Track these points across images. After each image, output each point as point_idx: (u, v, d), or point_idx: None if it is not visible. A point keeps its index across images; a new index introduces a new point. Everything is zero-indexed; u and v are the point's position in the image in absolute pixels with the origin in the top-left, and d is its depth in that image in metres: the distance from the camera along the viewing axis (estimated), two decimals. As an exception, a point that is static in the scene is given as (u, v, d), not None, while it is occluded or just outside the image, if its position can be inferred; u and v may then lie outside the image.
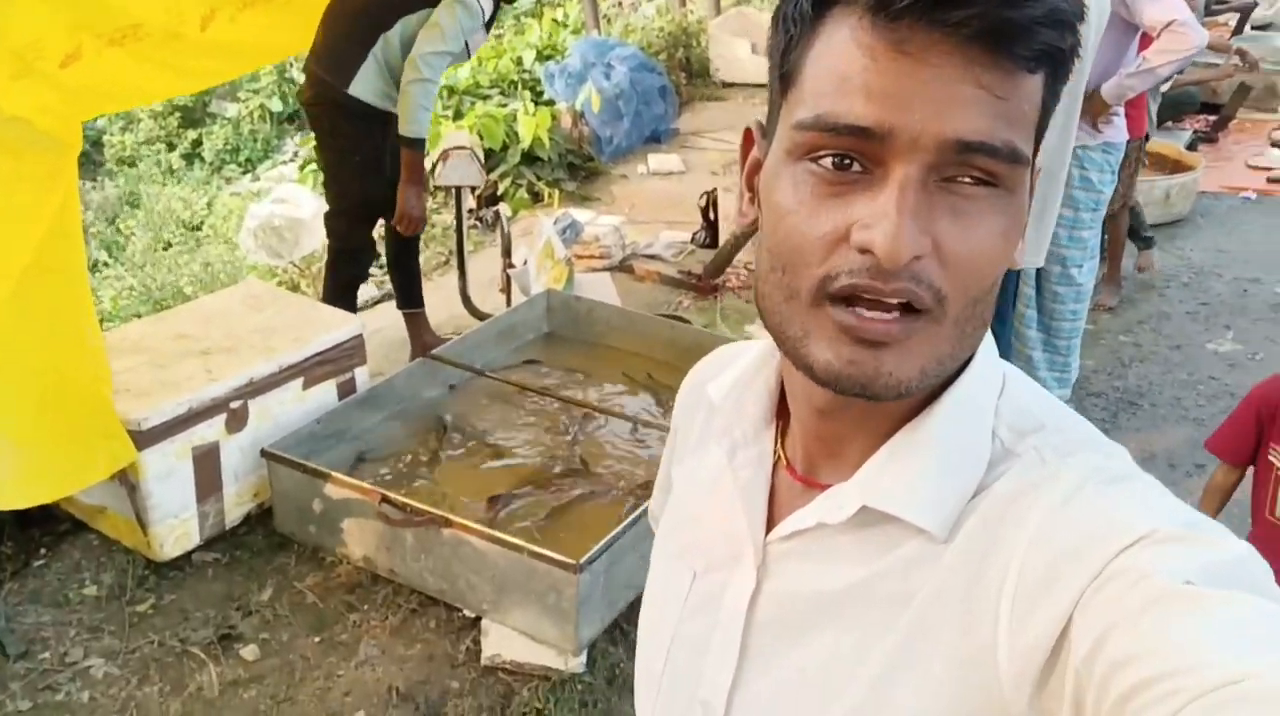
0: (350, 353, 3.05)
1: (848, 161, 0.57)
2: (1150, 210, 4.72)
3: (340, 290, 3.56)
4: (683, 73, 6.93)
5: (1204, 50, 3.36)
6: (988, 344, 0.66)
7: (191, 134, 9.42)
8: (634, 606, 2.65)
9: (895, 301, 0.57)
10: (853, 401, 0.62)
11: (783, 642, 0.70)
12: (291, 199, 4.12)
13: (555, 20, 6.93)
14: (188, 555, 2.71)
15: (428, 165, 3.51)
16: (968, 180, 0.57)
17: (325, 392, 2.99)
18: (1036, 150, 0.60)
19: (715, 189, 4.65)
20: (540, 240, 3.95)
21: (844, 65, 0.57)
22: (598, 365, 3.50)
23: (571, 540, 2.63)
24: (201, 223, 7.00)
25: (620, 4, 7.84)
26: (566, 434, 3.11)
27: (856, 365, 0.58)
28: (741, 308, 4.20)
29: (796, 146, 0.59)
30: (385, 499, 2.56)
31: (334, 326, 3.04)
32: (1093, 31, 2.76)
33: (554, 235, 3.87)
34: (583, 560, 2.34)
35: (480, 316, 3.85)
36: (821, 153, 0.58)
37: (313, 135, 3.65)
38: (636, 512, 2.50)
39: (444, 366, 3.26)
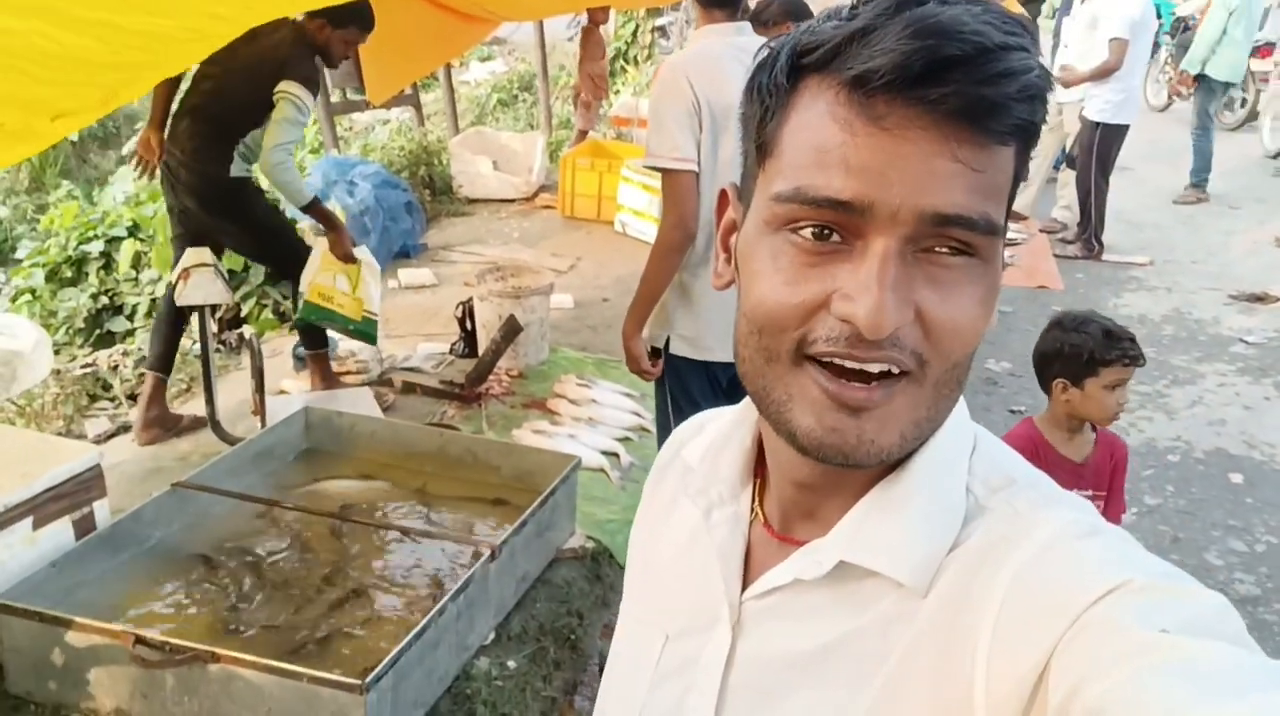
0: (87, 485, 2.79)
1: (827, 232, 0.58)
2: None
3: None
4: (427, 190, 6.97)
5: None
6: (960, 404, 0.67)
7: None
8: (424, 725, 2.53)
9: (876, 369, 0.58)
10: (831, 467, 0.63)
11: (759, 707, 0.69)
12: (7, 329, 3.76)
13: (293, 141, 6.82)
14: (-104, 733, 2.34)
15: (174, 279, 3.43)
16: (945, 250, 0.58)
17: (60, 533, 2.70)
18: (1008, 216, 0.62)
19: (471, 299, 4.67)
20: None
21: (822, 138, 0.58)
22: (364, 481, 3.37)
23: (353, 661, 2.49)
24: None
25: (351, 128, 7.84)
26: (339, 552, 2.96)
27: (838, 432, 0.59)
28: (507, 413, 4.20)
29: (775, 217, 0.60)
30: (139, 640, 2.32)
31: (66, 457, 2.77)
32: None
33: (371, 270, 3.99)
34: (368, 680, 2.22)
35: (232, 441, 3.63)
36: (801, 224, 0.59)
37: (235, 230, 3.95)
38: (419, 627, 2.41)
39: (197, 494, 3.03)
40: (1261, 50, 9.81)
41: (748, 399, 0.70)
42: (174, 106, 3.88)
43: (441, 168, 7.23)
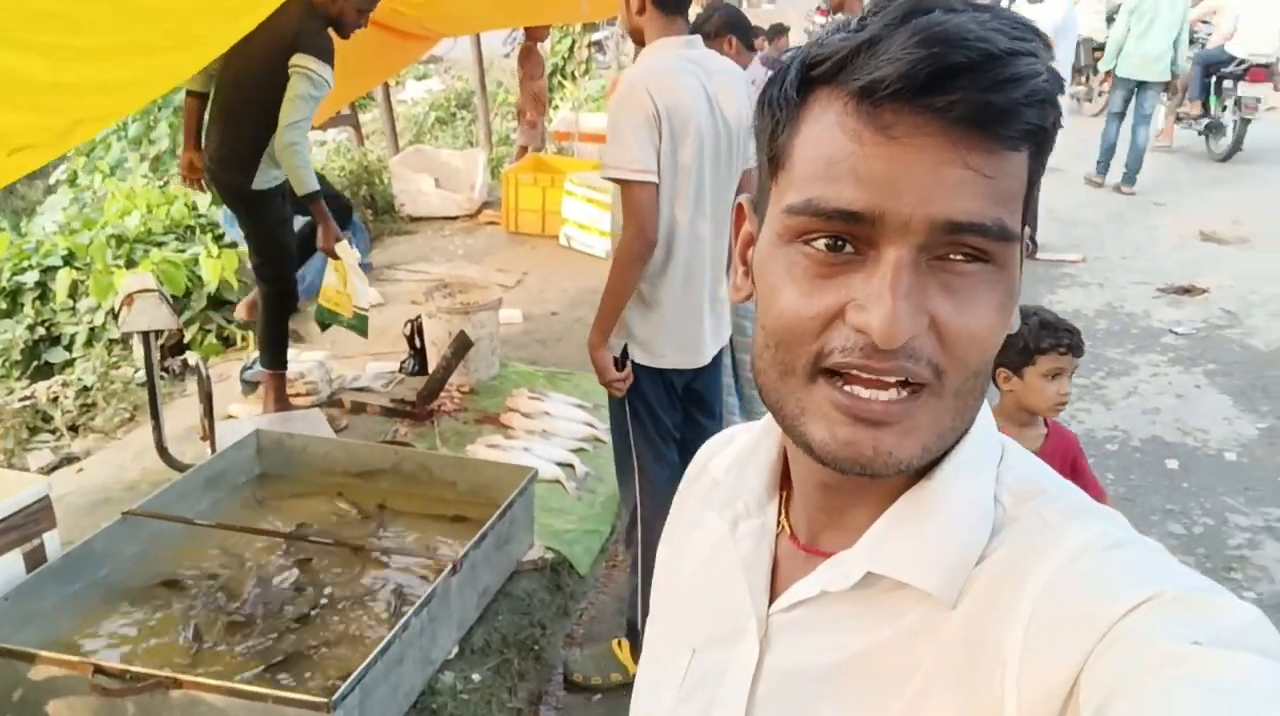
0: (36, 517, 2.74)
1: (840, 243, 0.58)
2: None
3: (281, 325, 4.14)
4: (369, 209, 6.94)
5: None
6: (985, 412, 0.66)
7: None
8: (391, 742, 2.52)
9: (893, 379, 0.57)
10: (852, 477, 0.62)
11: None
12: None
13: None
14: None
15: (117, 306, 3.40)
16: (959, 258, 0.57)
17: (11, 565, 2.66)
18: (1024, 222, 0.61)
19: (419, 316, 4.66)
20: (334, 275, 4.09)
21: (832, 150, 0.57)
22: (319, 502, 3.36)
23: (317, 680, 2.48)
24: None
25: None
26: (298, 573, 2.94)
27: (854, 446, 0.58)
28: (460, 429, 4.19)
29: (788, 229, 0.60)
30: (98, 669, 2.29)
31: (14, 489, 2.72)
32: None
33: (354, 264, 4.04)
34: (334, 697, 2.21)
35: (180, 468, 3.58)
36: (813, 236, 0.59)
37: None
38: (384, 643, 2.40)
39: (148, 522, 3.00)
40: (1252, 73, 9.55)
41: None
42: (206, 119, 3.96)
43: (383, 187, 7.20)
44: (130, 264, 5.01)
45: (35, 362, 4.83)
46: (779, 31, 7.46)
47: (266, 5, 2.90)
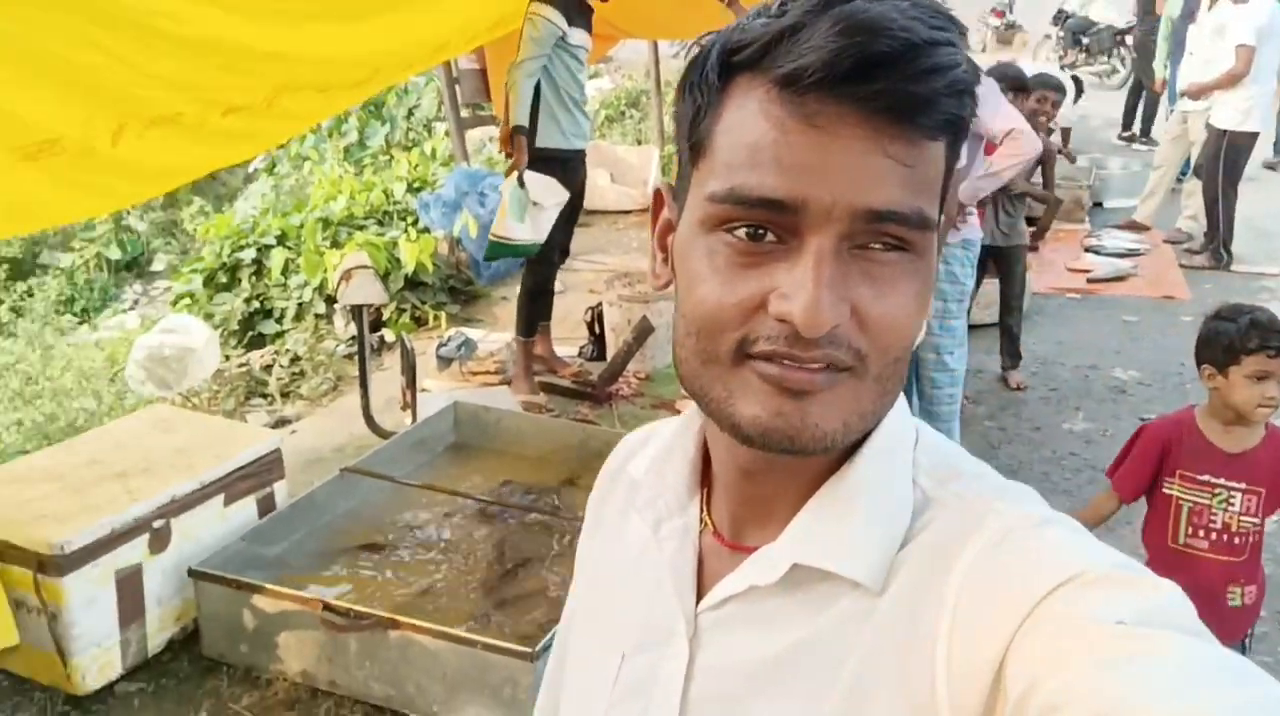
0: (270, 467, 3.01)
1: (761, 232, 0.58)
2: (995, 309, 5.15)
3: (530, 299, 4.33)
4: (547, 202, 7.18)
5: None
6: (899, 399, 0.67)
7: (21, 286, 9.05)
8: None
9: (816, 366, 0.57)
10: (777, 459, 0.62)
11: None
12: (181, 328, 4.05)
13: (423, 153, 7.12)
14: (110, 687, 2.57)
15: (335, 280, 3.65)
16: (879, 246, 0.58)
17: (246, 510, 2.93)
18: (942, 211, 0.61)
19: (599, 304, 4.83)
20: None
21: (754, 137, 0.57)
22: (515, 472, 3.54)
23: (519, 632, 2.64)
24: (36, 377, 6.68)
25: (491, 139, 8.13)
26: (499, 533, 3.13)
27: (783, 417, 0.58)
28: (637, 413, 4.33)
29: (709, 217, 0.59)
30: (328, 606, 2.52)
31: (253, 441, 3.01)
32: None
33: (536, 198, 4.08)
34: (538, 647, 2.36)
35: (384, 434, 3.84)
36: (735, 224, 0.58)
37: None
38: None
39: (363, 479, 3.24)
40: None
41: (690, 407, 0.70)
42: None
43: (560, 180, 7.45)
44: (335, 245, 5.36)
45: (250, 333, 5.23)
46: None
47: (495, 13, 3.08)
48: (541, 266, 4.31)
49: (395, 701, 2.53)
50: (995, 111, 3.53)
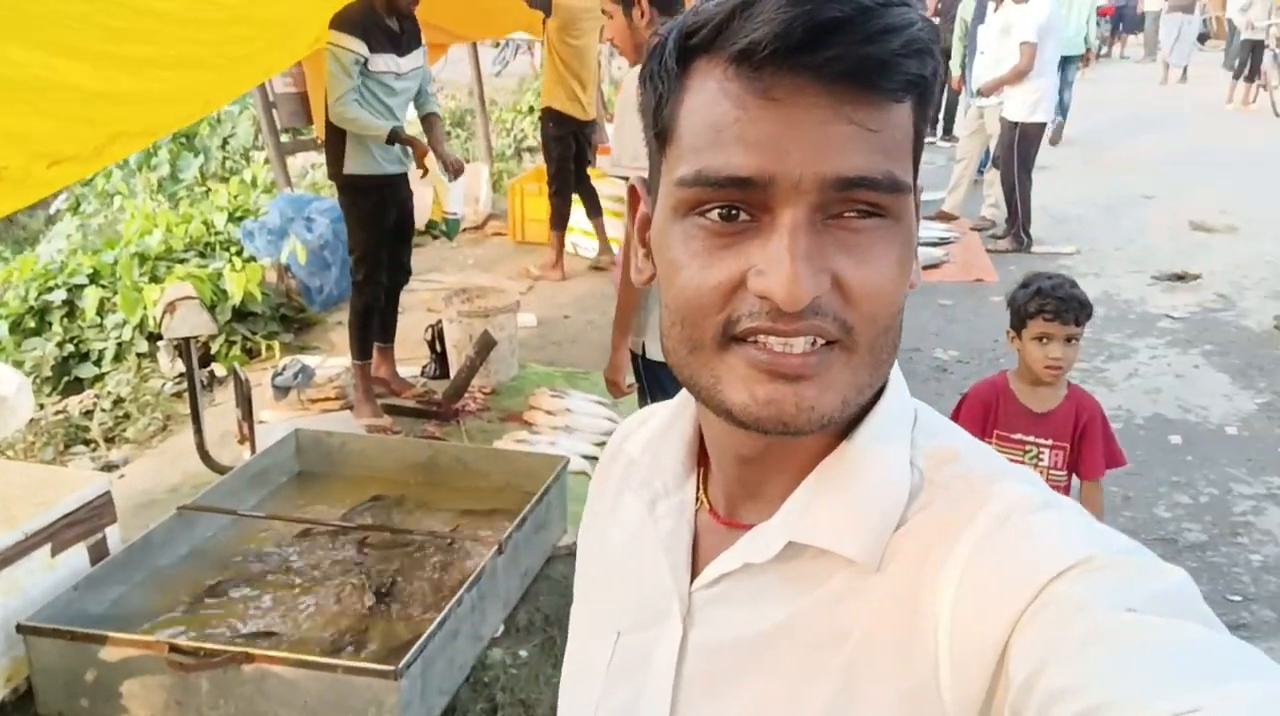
0: (99, 511, 2.86)
1: (734, 212, 0.57)
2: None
3: (362, 322, 4.31)
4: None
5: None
6: (897, 377, 0.67)
7: None
8: (449, 714, 2.64)
9: (801, 345, 0.57)
10: (772, 440, 0.62)
11: (715, 694, 0.67)
12: (-13, 375, 3.79)
13: (243, 181, 6.89)
14: (-66, 761, 2.39)
15: (158, 314, 3.52)
16: (854, 214, 0.57)
17: (76, 558, 2.77)
18: (916, 174, 0.61)
19: (439, 321, 4.79)
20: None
21: (716, 118, 0.57)
22: (365, 494, 3.48)
23: (382, 653, 2.60)
24: None
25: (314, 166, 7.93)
26: (347, 561, 3.06)
27: (775, 403, 0.58)
28: (485, 427, 4.32)
29: (681, 203, 0.59)
30: (174, 647, 2.41)
31: (78, 486, 2.84)
32: None
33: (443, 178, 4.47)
34: (400, 665, 2.33)
35: (222, 470, 3.70)
36: (707, 206, 0.58)
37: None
38: (441, 617, 2.53)
39: (203, 515, 3.12)
40: None
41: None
42: None
43: (389, 202, 7.33)
44: (155, 280, 5.13)
45: (65, 378, 4.93)
46: None
47: (312, 31, 3.04)
48: (367, 287, 4.25)
49: (254, 738, 2.45)
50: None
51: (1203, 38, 16.94)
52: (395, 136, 4.01)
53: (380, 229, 4.24)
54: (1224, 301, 6.19)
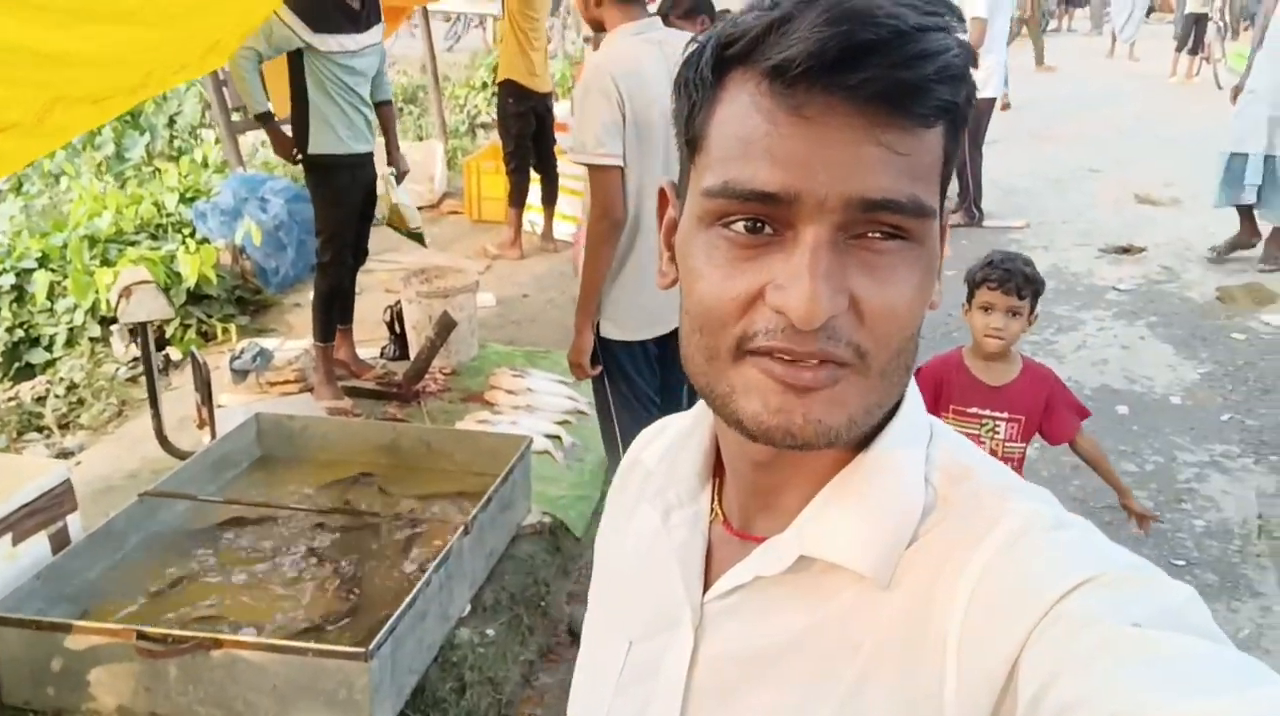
0: (59, 500, 2.84)
1: (759, 224, 0.58)
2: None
3: (325, 304, 4.29)
4: (332, 204, 6.99)
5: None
6: (914, 392, 0.67)
7: None
8: (419, 693, 2.67)
9: (814, 362, 0.57)
10: (786, 452, 0.61)
11: (724, 705, 0.68)
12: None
13: (193, 161, 6.78)
14: (-100, 752, 2.38)
15: (114, 299, 3.48)
16: (877, 235, 0.57)
17: (38, 547, 2.76)
18: (943, 198, 0.61)
19: (398, 302, 4.78)
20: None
21: (746, 131, 0.57)
22: (325, 478, 3.48)
23: (355, 635, 2.62)
24: None
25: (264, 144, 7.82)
26: (314, 544, 3.07)
27: (785, 413, 0.58)
28: (447, 408, 4.33)
29: (707, 213, 0.60)
30: (142, 635, 2.42)
31: (37, 474, 2.83)
32: None
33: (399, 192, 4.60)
34: (371, 646, 2.36)
35: (182, 455, 3.67)
36: (732, 218, 0.58)
37: None
38: (410, 597, 2.55)
39: (166, 501, 3.11)
40: None
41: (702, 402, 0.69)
42: None
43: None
44: (106, 263, 5.05)
45: (16, 364, 4.86)
46: None
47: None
48: (333, 268, 4.23)
49: (224, 722, 2.46)
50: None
51: (1149, 11, 17.20)
52: (264, 119, 4.12)
53: (348, 208, 4.22)
54: (1168, 273, 6.35)
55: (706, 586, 0.71)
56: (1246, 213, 6.37)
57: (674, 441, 0.77)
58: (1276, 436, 4.25)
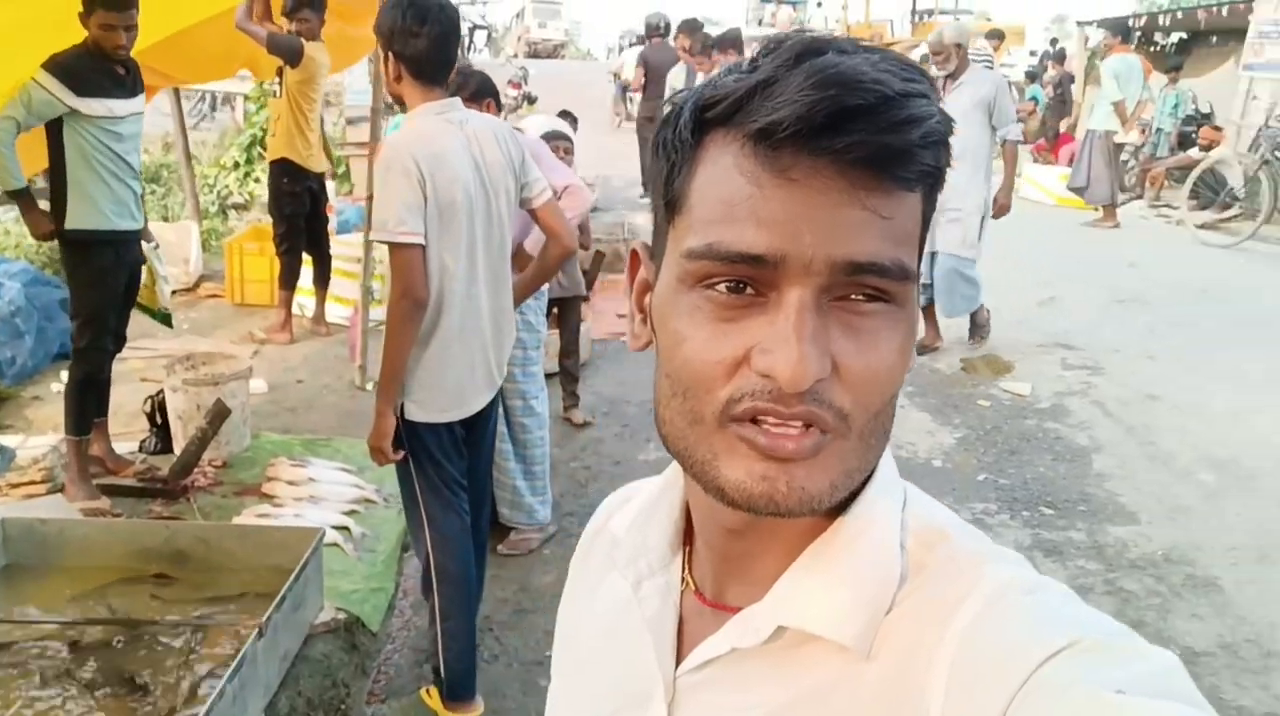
0: None
1: (742, 286, 0.58)
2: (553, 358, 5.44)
3: (81, 394, 3.92)
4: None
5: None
6: (888, 459, 0.67)
7: None
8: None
9: (799, 424, 0.57)
10: (762, 519, 0.61)
11: None
12: None
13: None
14: None
15: None
16: (860, 297, 0.57)
17: None
18: (920, 263, 0.61)
19: (160, 392, 4.44)
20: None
21: (730, 193, 0.57)
22: (87, 586, 3.13)
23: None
24: None
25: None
26: (79, 664, 2.75)
27: (769, 481, 0.57)
28: (220, 503, 4.02)
29: (688, 274, 0.59)
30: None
31: None
32: None
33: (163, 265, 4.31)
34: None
35: (-95, 571, 3.21)
36: (715, 279, 0.58)
37: None
38: (206, 710, 2.33)
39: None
40: None
41: (673, 465, 0.69)
42: None
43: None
44: None
45: None
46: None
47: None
48: (92, 354, 3.88)
49: None
50: (552, 169, 3.79)
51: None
52: (19, 195, 3.81)
53: (110, 291, 3.89)
54: (918, 349, 6.89)
55: (680, 659, 0.69)
56: (928, 312, 6.52)
57: (642, 509, 0.76)
58: (1025, 493, 4.67)
